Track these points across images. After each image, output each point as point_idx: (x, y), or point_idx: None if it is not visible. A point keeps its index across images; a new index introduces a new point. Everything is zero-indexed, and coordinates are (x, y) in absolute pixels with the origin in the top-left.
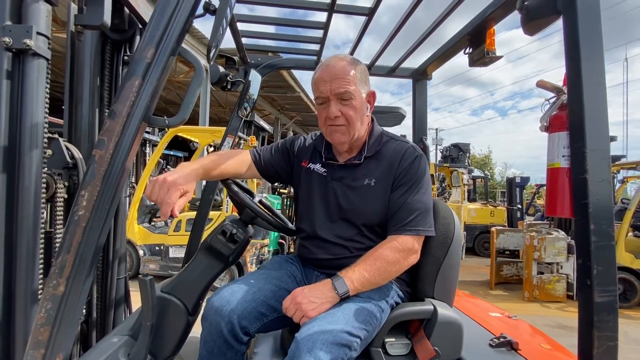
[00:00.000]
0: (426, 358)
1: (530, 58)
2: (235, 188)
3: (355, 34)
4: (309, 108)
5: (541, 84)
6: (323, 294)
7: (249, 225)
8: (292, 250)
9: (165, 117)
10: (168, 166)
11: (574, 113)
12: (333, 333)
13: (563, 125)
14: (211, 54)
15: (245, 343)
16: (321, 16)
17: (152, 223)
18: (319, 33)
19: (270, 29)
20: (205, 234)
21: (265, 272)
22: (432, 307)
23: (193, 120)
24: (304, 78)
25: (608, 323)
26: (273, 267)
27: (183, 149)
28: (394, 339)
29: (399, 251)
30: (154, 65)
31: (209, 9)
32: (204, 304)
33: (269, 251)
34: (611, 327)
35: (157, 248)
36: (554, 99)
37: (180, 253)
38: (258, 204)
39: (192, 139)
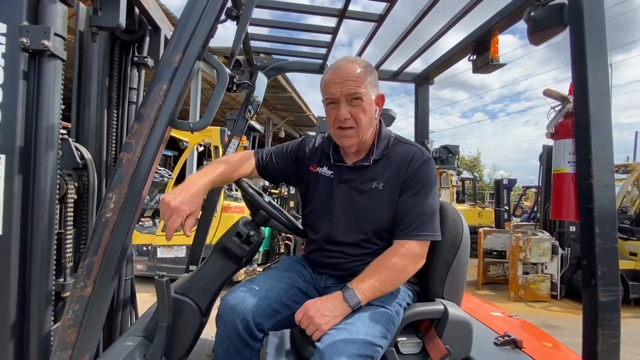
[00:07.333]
0: (438, 356)
1: (517, 63)
2: (251, 190)
3: (345, 35)
4: (300, 108)
5: (547, 93)
6: (335, 307)
7: (260, 227)
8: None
9: (189, 121)
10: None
11: (579, 121)
12: (357, 344)
13: (569, 132)
14: (233, 59)
15: (260, 340)
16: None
17: (140, 223)
18: (326, 37)
19: (276, 31)
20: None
21: (276, 271)
22: (442, 307)
23: (183, 118)
24: (296, 78)
25: (612, 321)
26: (283, 267)
27: (172, 148)
28: (405, 338)
29: (406, 258)
30: (180, 69)
31: (231, 15)
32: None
33: (259, 251)
34: (614, 325)
35: (144, 248)
36: (559, 107)
37: (168, 253)
38: (269, 206)
39: (182, 138)
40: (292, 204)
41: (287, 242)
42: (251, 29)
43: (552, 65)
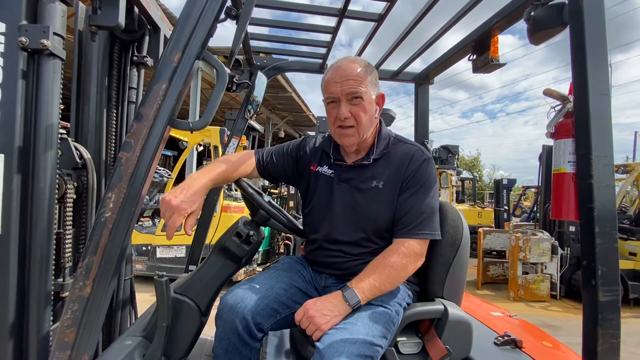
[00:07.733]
0: (438, 356)
1: (517, 63)
2: (251, 190)
3: (345, 35)
4: (300, 108)
5: (548, 92)
6: (335, 306)
7: (260, 227)
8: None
9: (189, 121)
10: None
11: (579, 121)
12: (357, 344)
13: (569, 132)
14: (233, 59)
15: (260, 340)
16: (318, 19)
17: (139, 223)
18: (326, 37)
19: (276, 31)
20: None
21: (275, 271)
22: (442, 307)
23: (183, 118)
24: (296, 78)
25: (611, 321)
26: (283, 267)
27: (172, 147)
28: (405, 338)
29: (406, 256)
30: (180, 69)
31: (230, 14)
32: (216, 303)
33: (258, 251)
34: (614, 325)
35: (144, 248)
36: (559, 107)
37: (168, 253)
38: (269, 205)
39: (181, 137)
40: (292, 204)
41: (286, 242)
42: (251, 29)
43: (552, 65)
